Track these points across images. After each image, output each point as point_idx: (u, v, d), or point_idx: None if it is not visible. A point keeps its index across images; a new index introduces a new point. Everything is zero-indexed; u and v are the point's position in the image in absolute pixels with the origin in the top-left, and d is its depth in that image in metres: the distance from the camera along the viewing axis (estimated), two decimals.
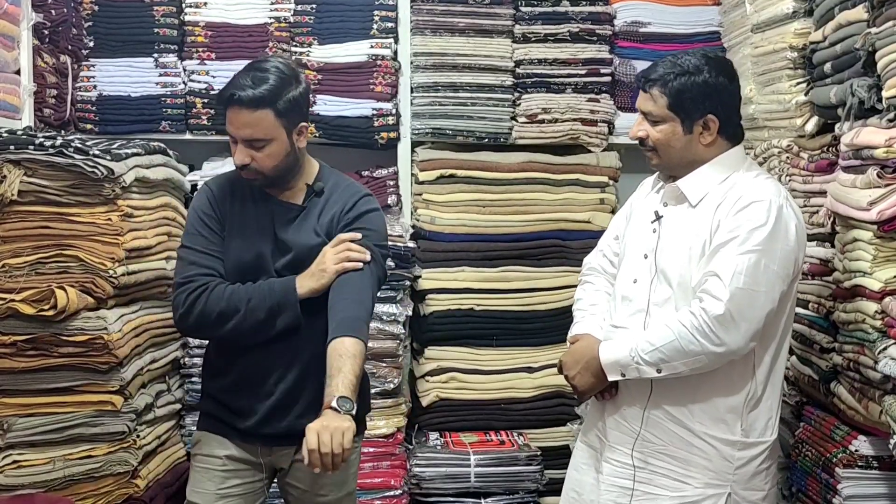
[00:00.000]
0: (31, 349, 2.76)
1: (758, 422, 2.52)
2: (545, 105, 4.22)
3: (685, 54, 2.55)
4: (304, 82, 2.59)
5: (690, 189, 2.54)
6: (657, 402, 2.52)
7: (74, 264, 2.83)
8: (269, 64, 2.56)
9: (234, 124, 2.52)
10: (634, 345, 2.47)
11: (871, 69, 2.64)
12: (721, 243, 2.42)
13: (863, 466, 2.75)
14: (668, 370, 2.44)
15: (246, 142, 2.52)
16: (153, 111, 4.09)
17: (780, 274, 2.42)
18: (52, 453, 2.81)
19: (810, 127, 3.15)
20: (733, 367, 2.46)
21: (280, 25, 4.15)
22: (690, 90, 2.49)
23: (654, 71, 2.55)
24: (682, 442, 2.50)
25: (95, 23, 4.08)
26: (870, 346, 2.57)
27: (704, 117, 2.51)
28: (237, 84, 2.50)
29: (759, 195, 2.44)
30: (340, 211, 2.64)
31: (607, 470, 2.59)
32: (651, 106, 2.54)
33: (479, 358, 4.11)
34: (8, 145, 2.82)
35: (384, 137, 4.17)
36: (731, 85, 2.56)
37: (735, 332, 2.38)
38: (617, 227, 2.82)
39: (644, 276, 2.57)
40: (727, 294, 2.36)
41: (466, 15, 4.21)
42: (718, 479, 2.49)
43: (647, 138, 2.56)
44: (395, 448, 3.90)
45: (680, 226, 2.54)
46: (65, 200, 2.85)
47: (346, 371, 2.36)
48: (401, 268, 3.94)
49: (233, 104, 2.49)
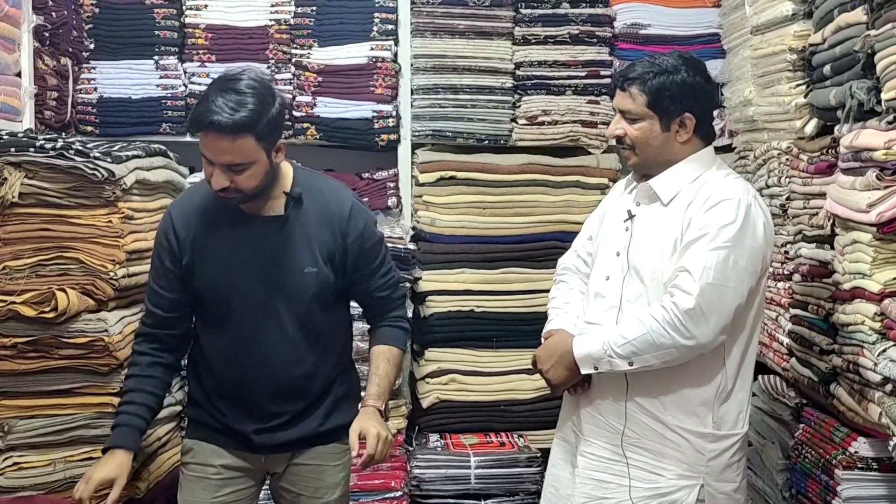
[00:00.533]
0: (31, 351, 2.76)
1: (729, 415, 2.58)
2: (545, 107, 4.23)
3: (662, 55, 2.64)
4: (278, 97, 2.47)
5: (662, 188, 2.61)
6: (632, 395, 2.58)
7: (75, 266, 2.83)
8: (243, 83, 2.39)
9: (212, 150, 2.38)
10: (607, 338, 2.53)
11: (870, 71, 2.64)
12: (692, 240, 2.50)
13: (862, 468, 2.75)
14: (640, 363, 2.50)
15: (224, 166, 2.39)
16: (154, 113, 4.10)
17: (749, 270, 2.49)
18: (52, 455, 2.81)
19: (810, 129, 3.15)
20: (704, 361, 2.53)
21: (280, 28, 4.16)
22: (669, 89, 2.56)
23: (633, 70, 2.61)
24: (656, 435, 2.56)
25: (96, 25, 4.09)
26: (869, 347, 2.57)
27: (682, 115, 2.58)
28: (214, 108, 2.33)
29: (729, 194, 2.52)
30: (341, 232, 2.58)
31: (582, 463, 2.65)
32: (630, 104, 2.60)
33: (480, 359, 4.11)
34: (9, 147, 2.82)
35: (384, 139, 4.18)
36: (708, 85, 2.65)
37: (704, 325, 2.45)
38: (590, 228, 2.89)
39: (616, 274, 2.64)
40: (697, 289, 2.43)
41: (466, 17, 4.22)
42: (691, 470, 2.55)
43: (624, 136, 2.63)
44: (396, 450, 3.90)
45: (652, 224, 2.61)
46: (65, 203, 2.85)
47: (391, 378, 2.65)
48: (401, 269, 3.94)
49: (210, 129, 2.35)
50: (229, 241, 2.56)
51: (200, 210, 2.59)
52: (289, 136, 4.15)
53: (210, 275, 2.56)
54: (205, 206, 2.59)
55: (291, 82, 4.16)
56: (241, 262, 2.54)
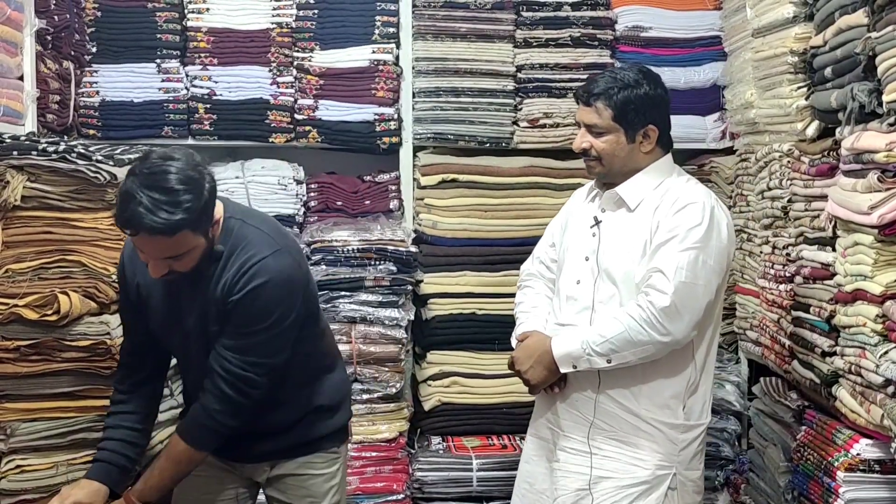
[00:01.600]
0: (33, 354, 2.76)
1: (695, 406, 2.74)
2: (547, 109, 4.23)
3: (622, 69, 2.80)
4: (207, 174, 2.33)
5: (629, 194, 2.74)
6: (605, 390, 2.70)
7: (77, 269, 2.83)
8: (172, 177, 2.24)
9: (145, 249, 2.31)
10: (585, 338, 2.65)
11: (871, 73, 2.65)
12: (662, 242, 2.63)
13: (864, 470, 2.76)
14: (618, 360, 2.63)
15: (163, 258, 2.33)
16: (156, 116, 4.10)
17: (716, 268, 2.64)
18: (55, 458, 2.80)
19: (811, 131, 3.15)
20: (675, 356, 2.67)
21: (282, 31, 4.16)
22: (634, 102, 2.70)
23: (595, 85, 2.74)
24: (631, 427, 2.69)
25: (98, 28, 4.09)
26: (871, 349, 2.58)
27: (645, 127, 2.72)
28: (142, 211, 2.19)
29: (694, 198, 2.67)
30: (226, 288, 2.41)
31: (563, 457, 2.76)
32: (596, 118, 2.72)
33: (481, 362, 4.11)
34: (11, 151, 2.82)
35: (386, 142, 4.18)
36: (666, 96, 2.79)
37: (679, 322, 2.59)
38: (552, 235, 3.02)
39: (587, 277, 2.76)
40: (672, 287, 2.57)
41: (468, 20, 4.22)
42: (666, 460, 2.69)
43: (591, 149, 2.74)
44: (398, 452, 3.90)
45: (620, 228, 2.73)
46: (67, 206, 2.86)
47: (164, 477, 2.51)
48: (403, 272, 3.95)
49: (142, 233, 2.24)
50: (163, 291, 2.53)
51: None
52: (290, 138, 4.16)
53: (152, 321, 2.58)
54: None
55: (293, 85, 4.16)
56: (173, 314, 2.53)
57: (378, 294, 3.93)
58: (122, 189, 2.27)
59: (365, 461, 3.87)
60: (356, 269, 3.91)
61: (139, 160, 2.34)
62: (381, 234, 3.96)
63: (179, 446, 2.48)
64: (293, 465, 2.67)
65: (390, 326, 3.90)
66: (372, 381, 3.89)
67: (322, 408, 2.69)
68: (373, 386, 3.89)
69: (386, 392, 3.90)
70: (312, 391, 2.67)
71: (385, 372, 3.90)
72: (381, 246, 3.94)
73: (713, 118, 4.32)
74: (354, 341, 3.86)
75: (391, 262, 3.94)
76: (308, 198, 4.17)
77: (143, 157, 2.34)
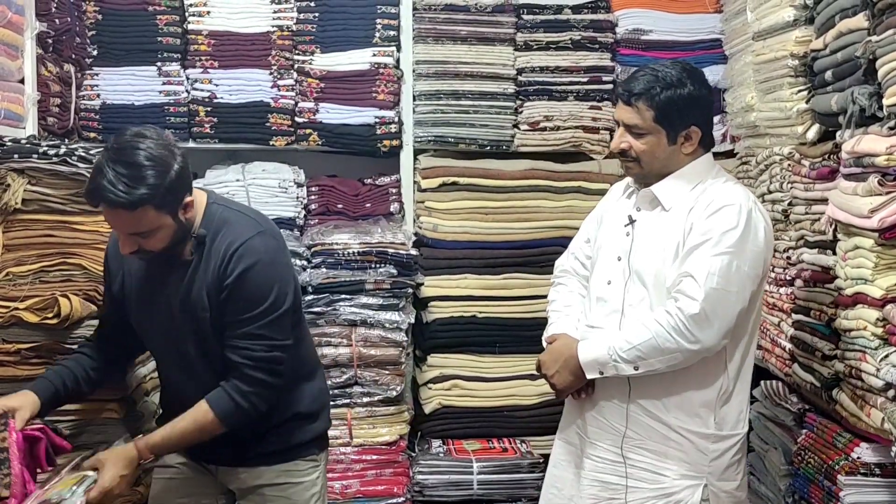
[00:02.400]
0: (34, 357, 2.76)
1: (729, 415, 2.61)
2: (547, 113, 4.24)
3: (664, 66, 2.64)
4: (178, 155, 2.35)
5: (664, 194, 2.63)
6: (635, 398, 2.61)
7: (78, 272, 2.83)
8: (140, 154, 2.27)
9: (112, 223, 2.35)
10: (612, 343, 2.55)
11: (871, 77, 2.65)
12: (694, 245, 2.52)
13: (865, 474, 2.75)
14: (645, 367, 2.53)
15: (129, 234, 2.35)
16: (156, 120, 4.09)
17: (751, 274, 2.52)
18: None
19: (811, 135, 3.15)
20: (706, 364, 2.56)
21: (283, 34, 4.17)
22: (677, 103, 2.57)
23: (636, 83, 2.61)
24: (659, 436, 2.59)
25: (99, 32, 4.10)
26: (871, 353, 2.57)
27: (688, 129, 2.60)
28: (105, 184, 2.24)
29: (730, 200, 2.55)
30: (217, 273, 2.43)
31: (589, 465, 2.68)
32: (636, 119, 2.60)
33: (482, 365, 4.11)
34: (12, 154, 2.83)
35: (386, 145, 4.19)
36: (710, 95, 2.69)
37: (709, 330, 2.47)
38: (588, 231, 2.91)
39: (618, 278, 2.66)
40: (702, 294, 2.46)
41: (468, 23, 4.23)
42: (694, 470, 2.58)
43: (629, 150, 2.63)
44: (398, 455, 3.90)
45: (653, 229, 2.63)
46: (68, 209, 2.86)
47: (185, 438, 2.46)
48: (403, 275, 3.95)
49: (105, 206, 2.28)
50: (146, 280, 2.53)
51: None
52: (291, 141, 4.16)
53: (134, 310, 2.57)
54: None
55: (294, 88, 4.16)
56: (153, 303, 2.53)
57: (378, 297, 3.93)
58: (94, 163, 2.34)
59: (365, 464, 3.87)
60: (356, 272, 3.91)
61: (114, 137, 2.37)
62: (381, 237, 3.96)
63: (208, 416, 2.43)
64: (272, 473, 2.62)
65: (391, 329, 3.90)
66: (372, 385, 3.89)
67: (300, 415, 2.64)
68: (373, 389, 3.89)
69: (386, 395, 3.89)
70: (291, 398, 2.61)
71: (385, 375, 3.89)
72: (382, 249, 3.93)
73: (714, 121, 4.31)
74: (355, 344, 3.86)
75: (392, 265, 3.94)
76: (308, 201, 4.18)
77: (119, 134, 2.37)
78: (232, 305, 2.43)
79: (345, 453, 3.84)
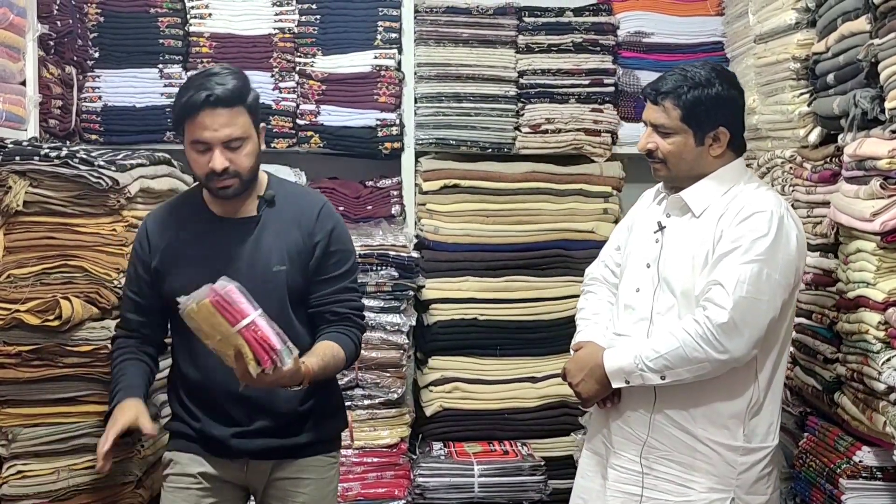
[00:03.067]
0: (35, 359, 2.75)
1: (759, 427, 2.55)
2: (548, 115, 4.24)
3: (693, 67, 2.58)
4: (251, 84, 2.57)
5: (694, 200, 2.57)
6: (661, 408, 2.54)
7: (79, 275, 2.83)
8: (220, 68, 2.52)
9: (212, 127, 2.43)
10: (638, 352, 2.50)
11: (873, 80, 2.65)
12: (724, 253, 2.45)
13: (867, 477, 2.74)
14: (672, 377, 2.47)
15: (224, 144, 2.45)
16: (158, 121, 4.10)
17: (782, 283, 2.45)
18: (56, 463, 2.80)
19: (813, 138, 3.15)
20: (736, 374, 2.49)
21: (284, 36, 4.17)
22: (704, 103, 2.52)
23: (665, 83, 2.56)
24: (686, 447, 2.53)
25: (101, 34, 4.10)
26: (873, 356, 2.57)
27: (716, 130, 2.54)
28: (205, 87, 2.43)
29: (761, 206, 2.48)
30: (305, 230, 2.57)
31: (613, 476, 2.62)
32: (664, 118, 2.55)
33: (483, 368, 4.11)
34: (13, 156, 2.82)
35: (388, 147, 4.19)
36: (741, 97, 2.61)
37: (738, 339, 2.41)
38: (619, 238, 2.85)
39: (647, 286, 2.60)
40: (731, 302, 2.39)
41: (470, 25, 4.23)
42: (722, 483, 2.52)
43: (656, 150, 2.59)
44: (399, 458, 3.90)
45: (683, 236, 2.57)
46: (70, 211, 2.86)
47: (329, 368, 2.52)
48: (404, 278, 3.95)
49: (207, 106, 2.41)
50: (203, 245, 2.56)
51: (176, 217, 2.63)
52: (292, 143, 4.17)
53: (184, 277, 2.51)
54: (180, 213, 2.64)
55: (295, 90, 4.17)
56: (213, 264, 2.52)
57: (380, 299, 3.93)
58: (185, 85, 2.52)
59: (366, 467, 3.86)
60: None
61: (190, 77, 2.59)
62: (382, 240, 3.96)
63: (341, 355, 2.55)
64: (295, 468, 2.62)
65: (392, 332, 3.90)
66: (373, 387, 3.89)
67: (329, 408, 2.68)
68: (374, 391, 3.89)
69: (387, 397, 3.89)
70: (325, 390, 2.64)
71: (386, 377, 3.89)
72: (383, 251, 3.94)
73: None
74: None
75: (393, 268, 3.94)
76: None
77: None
78: (327, 260, 2.59)
79: (346, 456, 3.83)
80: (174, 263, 2.58)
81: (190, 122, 2.45)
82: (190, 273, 2.52)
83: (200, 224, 2.59)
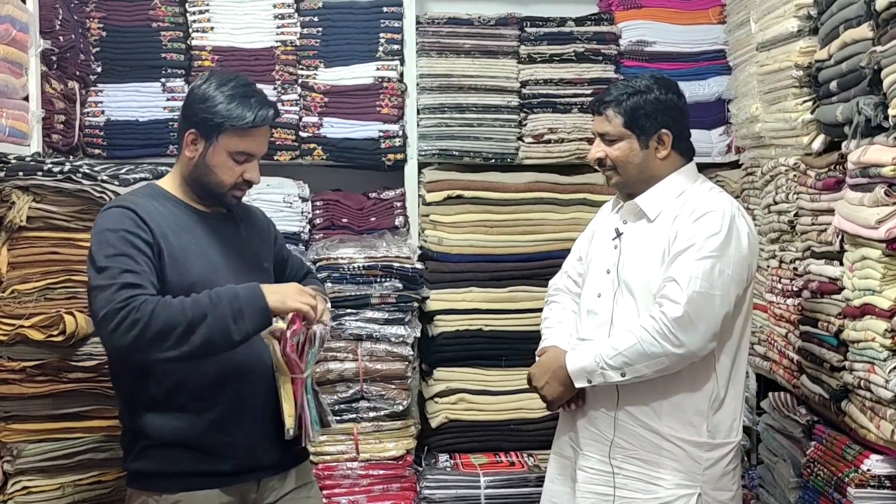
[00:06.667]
0: (40, 375, 2.76)
1: (723, 423, 2.65)
2: (551, 125, 4.24)
3: (635, 78, 2.75)
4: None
5: (648, 205, 2.70)
6: (623, 405, 2.65)
7: (83, 289, 2.83)
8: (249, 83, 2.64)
9: (264, 143, 2.59)
10: (599, 351, 2.61)
11: (877, 87, 2.64)
12: (679, 251, 2.58)
13: (875, 486, 2.73)
14: (632, 373, 2.57)
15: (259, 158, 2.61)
16: (161, 135, 4.10)
17: (735, 278, 2.57)
18: (61, 479, 2.80)
19: (817, 145, 3.14)
20: (696, 371, 2.60)
21: (286, 49, 4.17)
22: (644, 107, 2.67)
23: (607, 94, 2.72)
24: (652, 445, 2.62)
25: (103, 48, 4.11)
26: (880, 364, 2.56)
27: (658, 132, 2.68)
28: (269, 104, 2.57)
29: (713, 206, 2.61)
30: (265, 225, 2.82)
31: (582, 478, 2.71)
32: (607, 126, 2.70)
33: (488, 379, 4.10)
34: (16, 171, 2.83)
35: (391, 159, 4.19)
36: (680, 101, 2.75)
37: (693, 333, 2.52)
38: (580, 249, 2.99)
39: (607, 290, 2.72)
40: (685, 297, 2.51)
41: (472, 36, 4.24)
42: (689, 479, 2.61)
43: (605, 158, 2.73)
44: (405, 470, 3.89)
45: (640, 240, 2.70)
46: (73, 226, 2.86)
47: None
48: (409, 289, 3.95)
49: (266, 124, 2.55)
50: (199, 239, 2.51)
51: (157, 212, 2.46)
52: (295, 156, 4.17)
53: (195, 271, 2.44)
54: (164, 206, 2.50)
55: (298, 103, 4.17)
56: (219, 257, 2.52)
57: (384, 311, 3.92)
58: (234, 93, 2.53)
59: (372, 479, 3.85)
60: (362, 286, 3.90)
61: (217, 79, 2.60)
62: (386, 251, 3.96)
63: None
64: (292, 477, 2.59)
65: (396, 343, 3.90)
66: (378, 399, 3.88)
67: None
68: (379, 403, 3.88)
69: (393, 409, 3.88)
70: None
71: (392, 389, 3.89)
72: (387, 263, 3.93)
73: (718, 132, 4.32)
74: (360, 359, 3.85)
75: (397, 279, 3.93)
76: (313, 215, 4.17)
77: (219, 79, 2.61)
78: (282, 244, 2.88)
79: (351, 468, 3.83)
80: (174, 258, 2.42)
81: (242, 132, 2.49)
82: (200, 266, 2.46)
83: (183, 219, 2.51)
